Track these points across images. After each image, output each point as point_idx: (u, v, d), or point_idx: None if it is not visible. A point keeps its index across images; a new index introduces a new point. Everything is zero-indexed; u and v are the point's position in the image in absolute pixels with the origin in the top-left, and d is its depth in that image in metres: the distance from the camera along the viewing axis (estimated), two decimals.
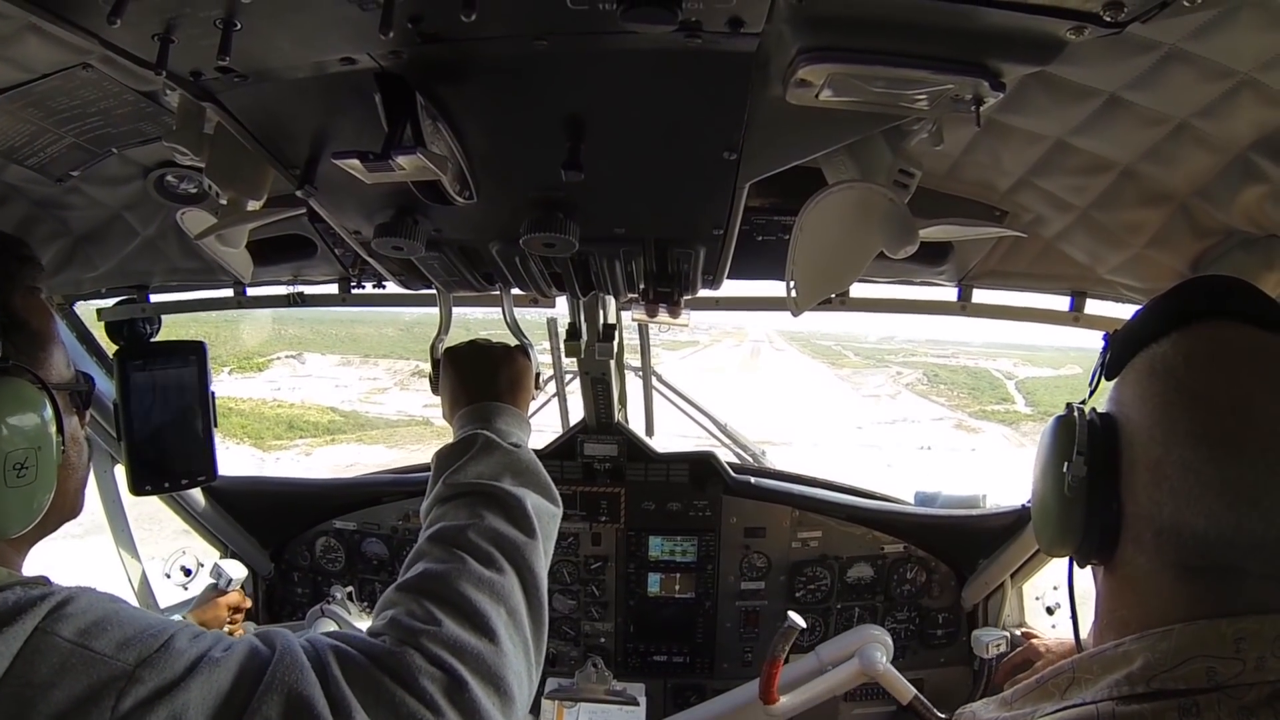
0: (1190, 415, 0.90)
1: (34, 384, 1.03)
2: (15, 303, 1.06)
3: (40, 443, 1.02)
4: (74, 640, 0.86)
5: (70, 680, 0.84)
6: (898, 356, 47.76)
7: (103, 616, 0.90)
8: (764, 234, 1.88)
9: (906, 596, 3.03)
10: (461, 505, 1.23)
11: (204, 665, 0.90)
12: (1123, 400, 0.99)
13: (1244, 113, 1.23)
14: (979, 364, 44.30)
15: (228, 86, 1.06)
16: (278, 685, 0.91)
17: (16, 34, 1.20)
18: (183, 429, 2.12)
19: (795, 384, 36.33)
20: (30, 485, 1.01)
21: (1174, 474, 0.89)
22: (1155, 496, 0.91)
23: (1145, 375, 0.97)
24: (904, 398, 36.77)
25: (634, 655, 3.10)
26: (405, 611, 1.06)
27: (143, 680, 0.86)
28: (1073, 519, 0.99)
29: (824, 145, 1.21)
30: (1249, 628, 0.82)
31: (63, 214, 1.89)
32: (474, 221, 1.35)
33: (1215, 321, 0.94)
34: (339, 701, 0.92)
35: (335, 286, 2.37)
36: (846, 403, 33.69)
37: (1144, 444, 0.93)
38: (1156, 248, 1.63)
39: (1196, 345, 0.94)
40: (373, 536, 3.12)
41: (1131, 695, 0.86)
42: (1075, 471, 0.97)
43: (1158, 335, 0.97)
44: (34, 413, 1.02)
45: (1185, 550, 0.88)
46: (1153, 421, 0.93)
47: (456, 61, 0.99)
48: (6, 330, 1.03)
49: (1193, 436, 0.89)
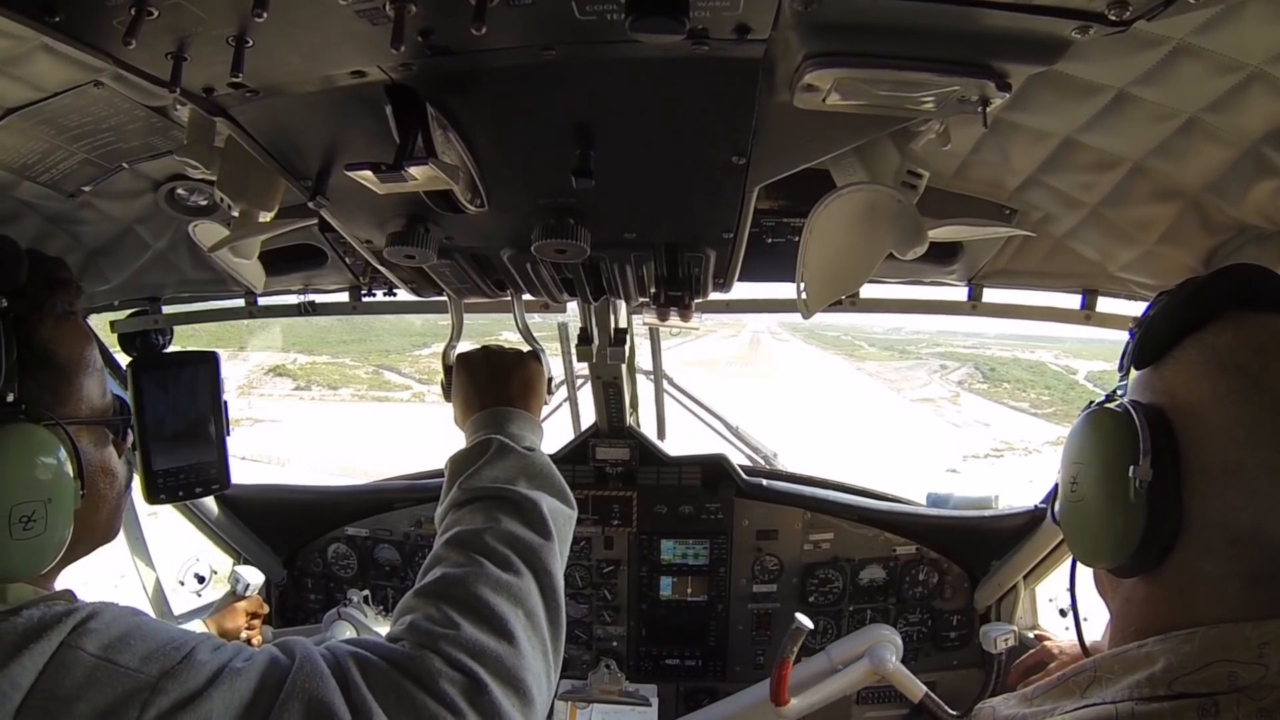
0: (1274, 416, 0.84)
1: (49, 429, 1.00)
2: (43, 334, 1.03)
3: (51, 494, 0.99)
4: (98, 654, 0.88)
5: (95, 693, 0.85)
6: (918, 347, 43.07)
7: (126, 631, 0.92)
8: (774, 236, 1.89)
9: (919, 598, 3.02)
10: (477, 510, 1.23)
11: (225, 675, 0.91)
12: (1176, 393, 0.92)
13: (1254, 106, 1.23)
14: (1013, 355, 38.60)
15: (239, 101, 1.07)
16: (299, 693, 0.92)
17: (29, 53, 1.22)
18: (196, 438, 2.13)
19: (818, 384, 31.11)
20: (37, 538, 0.98)
21: (1258, 478, 0.83)
22: (1232, 501, 0.85)
23: (1212, 368, 0.89)
24: (966, 400, 31.25)
25: (646, 659, 3.10)
26: (424, 616, 1.07)
27: (166, 691, 0.87)
28: (1132, 527, 0.91)
29: (832, 148, 1.21)
30: (1274, 631, 0.81)
31: (75, 229, 1.91)
32: (485, 229, 1.36)
33: (1264, 314, 0.90)
34: (360, 706, 0.93)
35: (346, 295, 2.38)
36: (892, 407, 28.30)
37: (1219, 445, 0.86)
38: (1168, 244, 1.62)
39: (1264, 338, 0.88)
40: (385, 543, 3.13)
41: (1152, 696, 0.84)
42: (1141, 476, 0.89)
43: (1206, 321, 0.91)
44: (46, 461, 0.99)
45: (1260, 559, 0.84)
46: (1231, 421, 0.86)
47: (466, 73, 1.00)
48: (30, 368, 1.00)
49: (1276, 439, 0.83)
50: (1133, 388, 1.00)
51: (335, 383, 31.78)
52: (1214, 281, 0.95)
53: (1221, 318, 0.91)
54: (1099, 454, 0.97)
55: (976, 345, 41.53)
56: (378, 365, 34.17)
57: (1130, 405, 0.94)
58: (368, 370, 33.79)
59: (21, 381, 0.99)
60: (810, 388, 29.89)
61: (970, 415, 28.39)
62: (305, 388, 30.54)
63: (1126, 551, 0.92)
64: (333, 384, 31.68)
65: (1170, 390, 0.93)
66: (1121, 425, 0.93)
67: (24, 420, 0.99)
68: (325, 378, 32.11)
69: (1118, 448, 0.93)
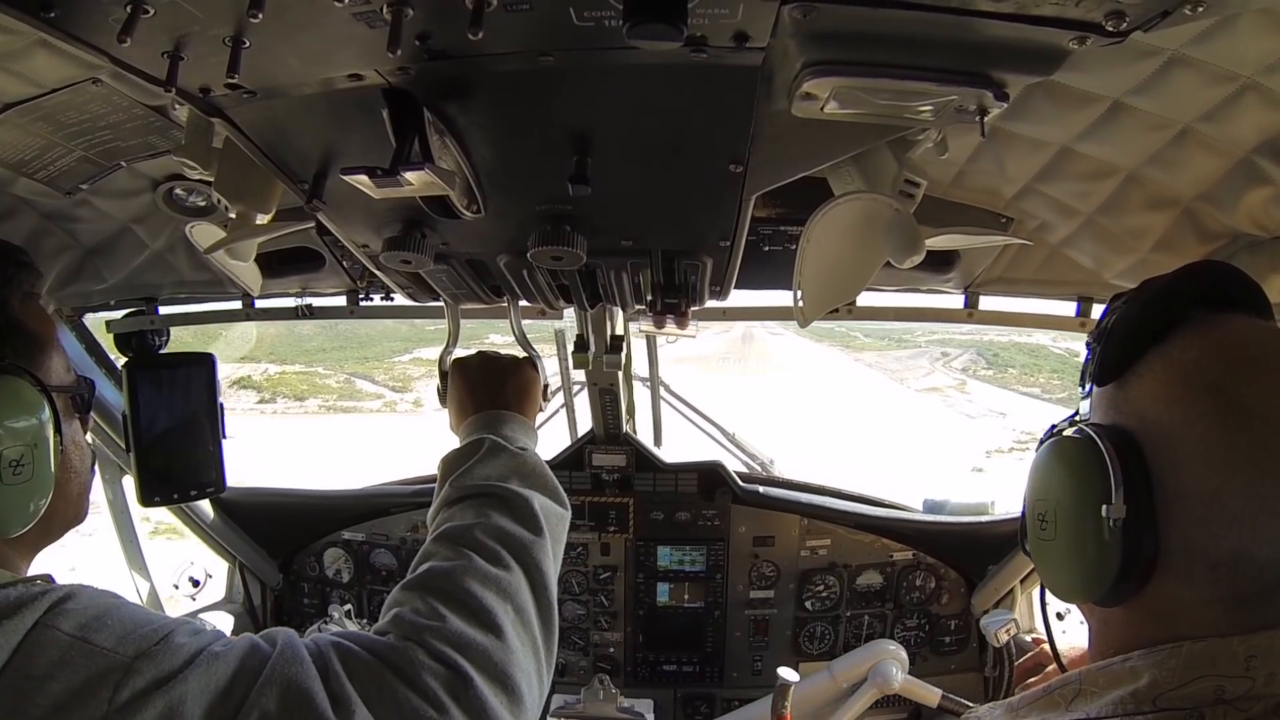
0: (1250, 437, 0.80)
1: (32, 385, 1.04)
2: (14, 306, 1.07)
3: (36, 441, 1.03)
4: (74, 634, 0.87)
5: (69, 672, 0.84)
6: (915, 336, 39.78)
7: (103, 611, 0.91)
8: (771, 244, 1.89)
9: (916, 604, 3.02)
10: (468, 506, 1.23)
11: (203, 658, 0.90)
12: (1144, 415, 0.87)
13: (1247, 116, 1.24)
14: (1009, 339, 34.98)
15: (236, 102, 1.07)
16: (277, 678, 0.90)
17: (26, 49, 1.22)
18: (191, 440, 2.13)
19: (818, 378, 29.07)
20: (26, 484, 1.01)
21: (1237, 503, 0.80)
22: (1212, 529, 0.81)
23: (1180, 387, 0.84)
24: (974, 388, 29.23)
25: (643, 665, 3.09)
26: (410, 609, 1.06)
27: (140, 672, 0.86)
28: (1107, 564, 0.86)
29: (830, 157, 1.21)
30: (1261, 644, 0.79)
31: (72, 227, 1.90)
32: (482, 235, 1.36)
33: (1230, 315, 0.88)
34: (340, 697, 0.91)
35: (343, 299, 2.38)
36: (898, 400, 26.73)
37: (1194, 471, 0.82)
38: (1162, 252, 1.63)
39: (1232, 349, 0.85)
40: (381, 547, 3.12)
41: (1137, 711, 0.83)
42: (1114, 514, 0.84)
43: (1168, 328, 0.87)
44: (31, 412, 1.03)
45: (1242, 580, 0.81)
46: (1206, 446, 0.82)
47: (464, 77, 1.00)
48: (5, 333, 1.04)
49: (1254, 461, 0.79)
50: (1096, 406, 0.95)
51: (302, 393, 30.35)
52: (1173, 284, 0.90)
53: (1185, 323, 0.87)
54: (1068, 492, 0.92)
55: (971, 330, 36.81)
56: (351, 373, 32.96)
57: (1096, 432, 0.88)
58: (340, 379, 32.59)
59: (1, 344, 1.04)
60: (809, 383, 28.42)
61: (982, 404, 26.73)
62: (270, 400, 29.29)
63: (1103, 588, 0.88)
64: (299, 395, 30.23)
65: (1138, 412, 0.88)
66: (1090, 458, 0.88)
67: (9, 374, 1.02)
68: (293, 388, 30.65)
69: (1087, 484, 0.88)
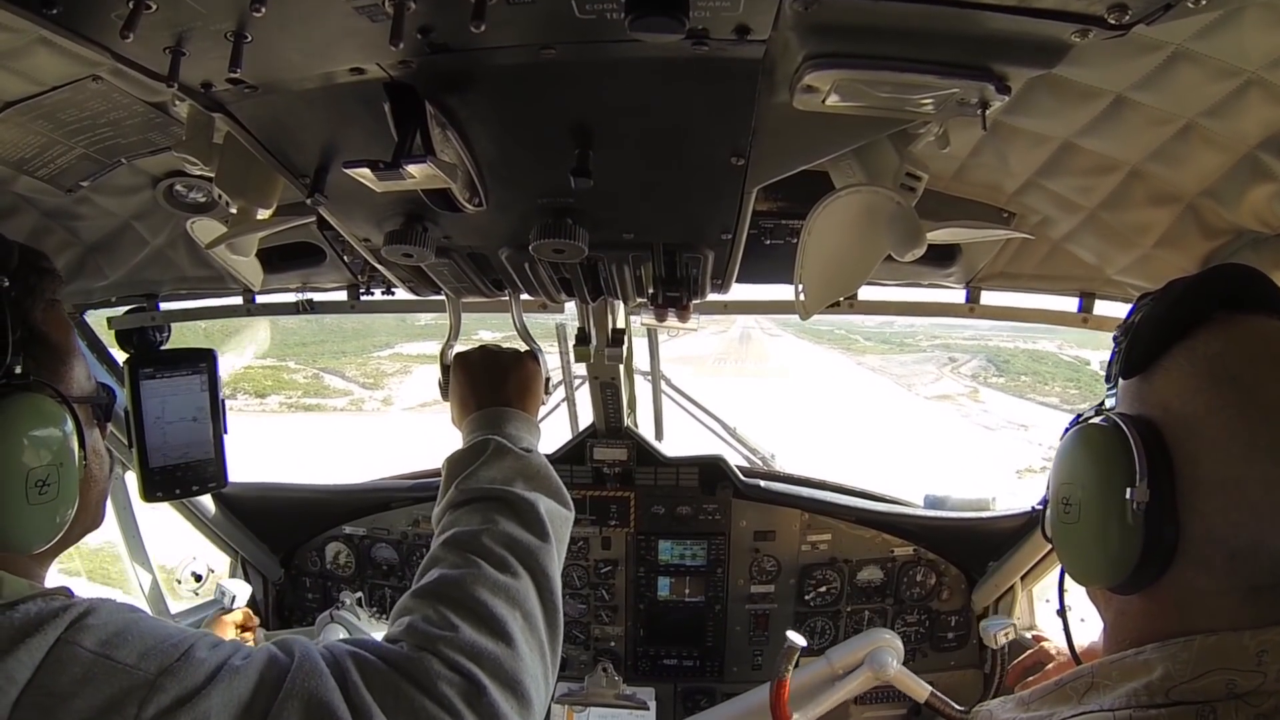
0: (1270, 429, 0.82)
1: (55, 399, 1.04)
2: (36, 317, 1.06)
3: (63, 459, 1.03)
4: (96, 650, 0.87)
5: (92, 690, 0.85)
6: (916, 340, 40.32)
7: (124, 627, 0.91)
8: (772, 238, 1.89)
9: (916, 599, 3.02)
10: (474, 510, 1.23)
11: (224, 673, 0.91)
12: (1168, 406, 0.90)
13: (1251, 111, 1.23)
14: (1015, 345, 35.01)
15: (238, 97, 1.07)
16: (298, 691, 0.91)
17: (27, 47, 1.22)
18: (193, 436, 2.13)
19: (819, 382, 28.32)
20: (52, 502, 1.01)
21: (1258, 493, 0.82)
22: (1233, 518, 0.83)
23: (1204, 379, 0.87)
24: (988, 396, 28.44)
25: (644, 659, 3.10)
26: (422, 617, 1.06)
27: (164, 689, 0.87)
28: (1129, 548, 0.88)
29: (831, 150, 1.21)
30: (1273, 639, 0.80)
31: (73, 224, 1.91)
32: (483, 228, 1.36)
33: (1253, 315, 0.90)
34: (359, 707, 0.93)
35: (344, 293, 2.38)
36: (907, 410, 25.74)
37: (1217, 460, 0.85)
38: (1165, 248, 1.63)
39: (1256, 345, 0.87)
40: (383, 542, 3.13)
41: (1150, 704, 0.84)
42: (1138, 498, 0.87)
43: (1194, 326, 0.90)
44: (56, 429, 1.03)
45: (1261, 571, 0.83)
46: (1228, 435, 0.84)
47: (465, 71, 1.00)
48: (28, 345, 1.03)
49: (1274, 453, 0.82)
50: (1122, 398, 0.97)
51: (265, 389, 29.63)
52: (1200, 284, 0.93)
53: (1210, 321, 0.90)
54: (1093, 475, 0.95)
55: (975, 336, 38.29)
56: (321, 368, 32.30)
57: (1122, 420, 0.91)
58: (308, 374, 31.91)
59: (23, 358, 1.03)
60: (811, 387, 28.04)
61: (1000, 415, 26.17)
62: (230, 396, 28.08)
63: (1123, 573, 0.90)
64: (260, 391, 29.45)
65: (1163, 403, 0.90)
66: (1115, 443, 0.91)
67: (33, 391, 1.02)
68: (256, 384, 29.95)
69: (1113, 468, 0.90)
